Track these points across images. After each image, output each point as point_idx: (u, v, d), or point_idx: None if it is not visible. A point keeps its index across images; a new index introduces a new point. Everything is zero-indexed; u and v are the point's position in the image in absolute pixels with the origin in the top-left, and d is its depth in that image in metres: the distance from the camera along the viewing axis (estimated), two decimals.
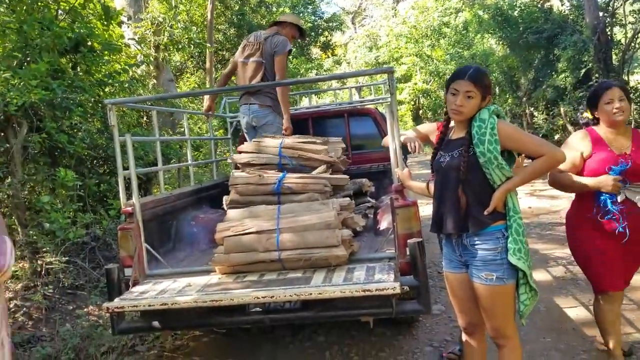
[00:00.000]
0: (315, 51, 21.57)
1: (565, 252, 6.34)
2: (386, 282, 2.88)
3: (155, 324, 3.28)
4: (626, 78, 16.03)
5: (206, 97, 5.68)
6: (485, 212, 2.51)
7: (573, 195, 3.35)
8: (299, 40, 5.97)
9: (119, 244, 3.59)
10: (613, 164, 3.06)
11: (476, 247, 2.56)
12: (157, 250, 3.74)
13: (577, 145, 3.20)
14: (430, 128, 3.16)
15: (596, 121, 3.25)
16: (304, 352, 4.12)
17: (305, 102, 7.53)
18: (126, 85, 7.37)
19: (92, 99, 6.48)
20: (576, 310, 4.50)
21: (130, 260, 3.47)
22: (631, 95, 16.59)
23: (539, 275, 5.49)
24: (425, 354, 3.91)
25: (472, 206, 2.54)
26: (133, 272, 3.42)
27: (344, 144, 4.73)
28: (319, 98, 17.83)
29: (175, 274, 3.53)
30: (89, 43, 6.58)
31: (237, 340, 4.47)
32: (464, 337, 2.87)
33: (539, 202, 9.98)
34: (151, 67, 10.44)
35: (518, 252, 2.48)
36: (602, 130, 3.19)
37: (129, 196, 3.68)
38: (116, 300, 3.16)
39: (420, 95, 29.40)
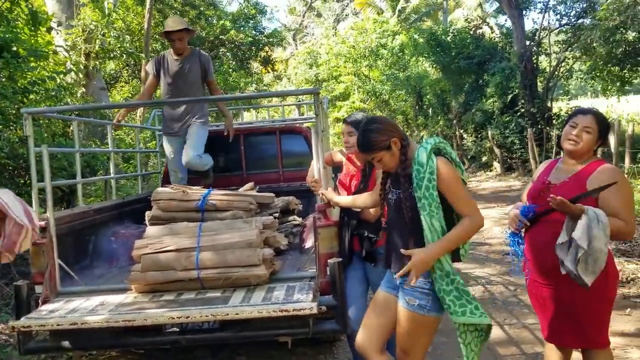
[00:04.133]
0: (256, 65, 21.59)
1: (484, 271, 6.57)
2: (304, 302, 2.90)
3: (66, 344, 3.15)
4: (549, 105, 16.95)
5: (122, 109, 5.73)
6: (397, 275, 2.51)
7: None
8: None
9: (30, 259, 3.44)
10: (530, 197, 2.94)
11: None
12: (72, 267, 3.61)
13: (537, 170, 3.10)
14: (339, 159, 3.61)
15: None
16: None
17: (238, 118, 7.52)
18: (52, 93, 7.13)
19: (15, 107, 6.22)
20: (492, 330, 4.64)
21: (42, 277, 3.33)
22: (553, 121, 17.47)
23: None
24: None
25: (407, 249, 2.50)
26: (43, 289, 3.28)
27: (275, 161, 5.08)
28: (258, 113, 17.78)
29: (89, 292, 3.41)
30: (14, 48, 6.33)
31: None
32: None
33: None
34: (80, 75, 10.13)
35: (472, 309, 2.54)
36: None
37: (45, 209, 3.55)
38: (23, 319, 3.02)
39: None
